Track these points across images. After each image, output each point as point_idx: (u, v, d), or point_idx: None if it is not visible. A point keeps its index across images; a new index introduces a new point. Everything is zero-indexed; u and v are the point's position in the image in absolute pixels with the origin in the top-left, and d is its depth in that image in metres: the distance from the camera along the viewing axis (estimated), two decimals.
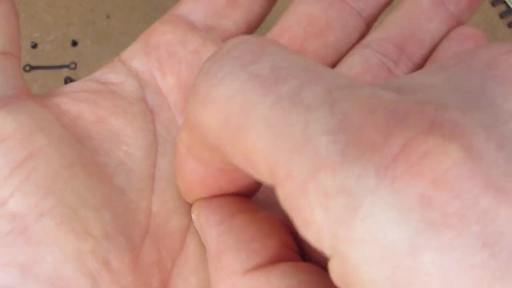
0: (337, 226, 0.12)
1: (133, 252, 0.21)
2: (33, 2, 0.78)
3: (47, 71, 0.74)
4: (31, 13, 0.77)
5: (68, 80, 0.70)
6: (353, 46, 0.29)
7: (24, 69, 0.73)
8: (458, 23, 0.28)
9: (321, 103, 0.13)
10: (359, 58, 0.28)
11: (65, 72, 0.73)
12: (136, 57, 0.26)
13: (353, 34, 0.29)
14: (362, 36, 0.29)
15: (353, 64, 0.28)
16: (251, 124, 0.13)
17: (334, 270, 0.13)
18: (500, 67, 0.14)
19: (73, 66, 0.74)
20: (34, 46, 0.75)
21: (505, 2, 0.75)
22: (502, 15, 0.75)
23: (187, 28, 0.26)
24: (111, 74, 0.25)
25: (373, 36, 0.29)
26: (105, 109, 0.24)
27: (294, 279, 0.18)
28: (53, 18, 0.77)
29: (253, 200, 0.22)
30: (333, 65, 0.28)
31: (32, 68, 0.73)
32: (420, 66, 0.28)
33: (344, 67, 0.28)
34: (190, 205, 0.22)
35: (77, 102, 0.24)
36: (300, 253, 0.21)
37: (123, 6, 0.78)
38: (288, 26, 0.28)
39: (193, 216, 0.22)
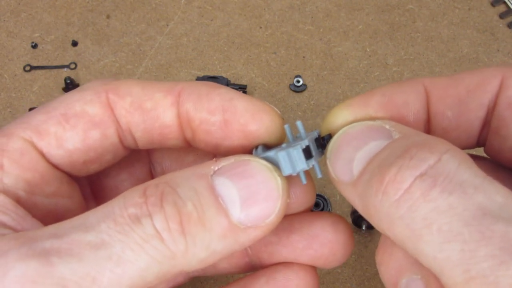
0: None
1: None
2: (33, 2, 0.78)
3: (47, 71, 0.74)
4: (31, 13, 0.78)
5: (68, 80, 0.70)
6: None
7: (24, 69, 0.73)
8: None
9: None
10: None
11: (65, 72, 0.73)
12: None
13: None
14: None
15: None
16: None
17: None
18: None
19: (73, 66, 0.74)
20: (34, 46, 0.75)
21: (505, 2, 0.75)
22: (502, 15, 0.75)
23: None
24: None
25: None
26: None
27: None
28: (53, 18, 0.77)
29: None
30: None
31: (32, 68, 0.73)
32: None
33: None
34: None
35: None
36: None
37: (123, 6, 0.78)
38: None
39: None
